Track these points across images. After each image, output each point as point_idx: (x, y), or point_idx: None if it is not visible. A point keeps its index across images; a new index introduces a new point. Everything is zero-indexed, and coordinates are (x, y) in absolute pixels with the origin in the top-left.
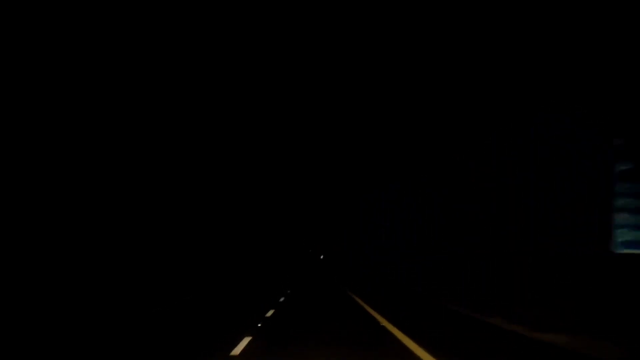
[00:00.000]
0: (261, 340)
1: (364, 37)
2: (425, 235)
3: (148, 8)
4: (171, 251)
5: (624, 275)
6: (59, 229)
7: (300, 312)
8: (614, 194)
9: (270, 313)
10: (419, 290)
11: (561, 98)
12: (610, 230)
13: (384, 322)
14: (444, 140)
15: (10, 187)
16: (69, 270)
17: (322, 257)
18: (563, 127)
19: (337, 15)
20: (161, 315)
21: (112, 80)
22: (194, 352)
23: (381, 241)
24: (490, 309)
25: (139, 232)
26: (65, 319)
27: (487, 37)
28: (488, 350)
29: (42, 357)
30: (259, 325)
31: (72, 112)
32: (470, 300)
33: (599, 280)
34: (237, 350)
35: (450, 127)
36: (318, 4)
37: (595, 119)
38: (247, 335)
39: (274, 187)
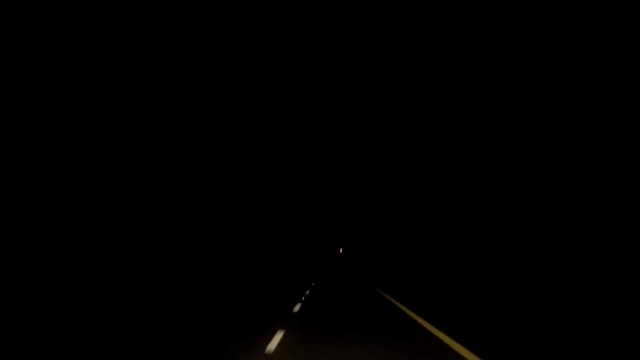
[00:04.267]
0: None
1: (372, 43)
2: (426, 234)
3: (149, 8)
4: (197, 251)
5: None
6: (78, 235)
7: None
8: None
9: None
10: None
11: None
12: None
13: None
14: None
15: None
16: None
17: (341, 250)
18: None
19: (351, 12)
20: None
21: (114, 80)
22: (237, 342)
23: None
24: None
25: (167, 235)
26: (103, 324)
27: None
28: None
29: None
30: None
31: (72, 112)
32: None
33: None
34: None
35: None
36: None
37: None
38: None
39: (293, 184)
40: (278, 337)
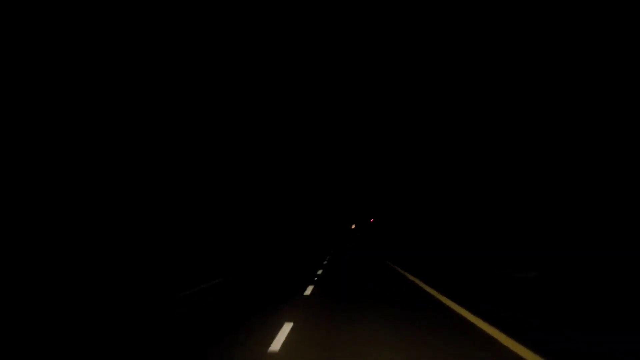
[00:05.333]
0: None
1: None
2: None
3: (149, 8)
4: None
5: None
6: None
7: None
8: None
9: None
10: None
11: None
12: None
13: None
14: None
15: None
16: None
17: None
18: None
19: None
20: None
21: (114, 80)
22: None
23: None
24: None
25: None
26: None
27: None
28: None
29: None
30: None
31: (74, 111)
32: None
33: None
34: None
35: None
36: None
37: None
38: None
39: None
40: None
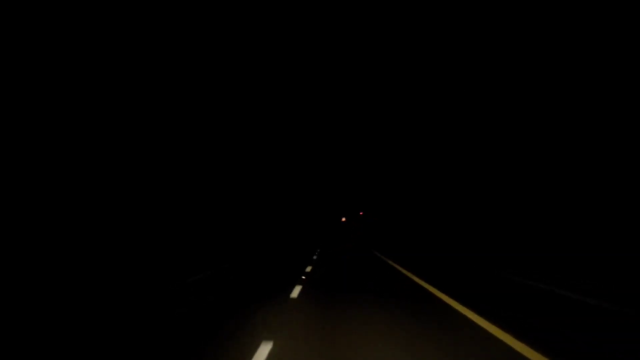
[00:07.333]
0: None
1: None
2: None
3: (149, 8)
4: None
5: None
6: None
7: None
8: None
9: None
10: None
11: None
12: None
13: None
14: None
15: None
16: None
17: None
18: None
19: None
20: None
21: (114, 80)
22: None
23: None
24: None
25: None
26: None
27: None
28: None
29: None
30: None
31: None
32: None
33: None
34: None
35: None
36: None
37: None
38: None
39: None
40: None
